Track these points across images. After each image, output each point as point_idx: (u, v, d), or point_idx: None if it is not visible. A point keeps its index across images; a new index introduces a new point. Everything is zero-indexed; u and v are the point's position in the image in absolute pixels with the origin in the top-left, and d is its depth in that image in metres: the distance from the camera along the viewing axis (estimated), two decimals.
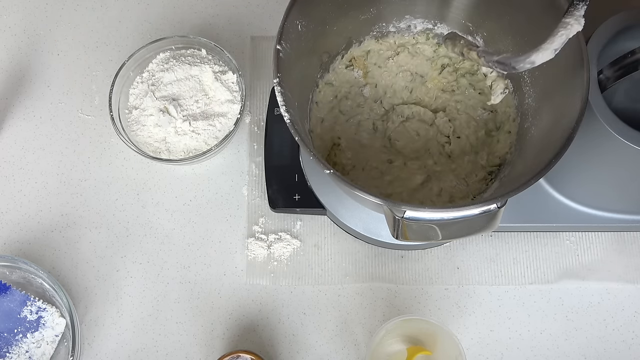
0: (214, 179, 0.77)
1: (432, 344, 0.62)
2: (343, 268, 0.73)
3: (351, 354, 0.70)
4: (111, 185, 0.76)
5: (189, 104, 0.74)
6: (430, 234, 0.54)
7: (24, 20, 0.83)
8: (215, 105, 0.75)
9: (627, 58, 0.56)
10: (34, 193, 0.76)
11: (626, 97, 0.63)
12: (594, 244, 0.74)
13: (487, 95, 0.70)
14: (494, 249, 0.74)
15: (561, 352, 0.70)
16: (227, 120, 0.74)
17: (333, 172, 0.53)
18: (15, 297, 0.68)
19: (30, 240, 0.74)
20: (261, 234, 0.74)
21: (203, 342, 0.71)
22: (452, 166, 0.68)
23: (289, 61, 0.59)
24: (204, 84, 0.75)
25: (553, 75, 0.60)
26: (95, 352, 0.70)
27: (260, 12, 0.84)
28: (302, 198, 0.72)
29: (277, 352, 0.70)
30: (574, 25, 0.51)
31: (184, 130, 0.73)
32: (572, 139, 0.54)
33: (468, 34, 0.69)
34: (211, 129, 0.73)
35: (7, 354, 0.67)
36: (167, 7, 0.84)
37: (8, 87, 0.80)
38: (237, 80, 0.76)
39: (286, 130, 0.55)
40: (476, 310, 0.72)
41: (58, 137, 0.78)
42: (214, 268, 0.73)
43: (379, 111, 0.71)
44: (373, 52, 0.72)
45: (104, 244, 0.74)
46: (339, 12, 0.65)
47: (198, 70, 0.75)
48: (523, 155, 0.64)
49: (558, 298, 0.72)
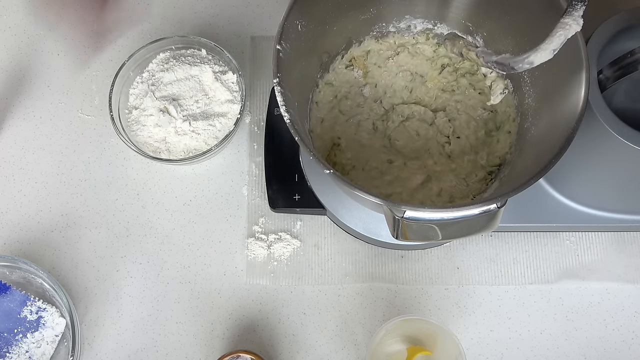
0: (214, 179, 0.77)
1: (432, 344, 0.62)
2: (343, 268, 0.73)
3: (351, 354, 0.70)
4: (111, 185, 0.76)
5: (189, 104, 0.74)
6: (430, 234, 0.54)
7: (24, 20, 0.83)
8: (215, 105, 0.75)
9: (627, 58, 0.56)
10: (34, 193, 0.76)
11: (626, 97, 0.63)
12: (594, 244, 0.74)
13: (487, 95, 0.70)
14: (494, 249, 0.74)
15: (561, 352, 0.70)
16: (227, 120, 0.74)
17: (333, 172, 0.53)
18: (15, 297, 0.68)
19: (30, 240, 0.74)
20: (261, 234, 0.74)
21: (203, 342, 0.71)
22: (452, 166, 0.68)
23: (289, 61, 0.59)
24: (204, 84, 0.75)
25: (553, 75, 0.60)
26: (95, 352, 0.70)
27: (260, 12, 0.84)
28: (302, 198, 0.72)
29: (277, 352, 0.70)
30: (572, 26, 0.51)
31: (184, 130, 0.73)
32: (572, 139, 0.54)
33: (468, 34, 0.69)
34: (211, 129, 0.73)
35: (7, 354, 0.67)
36: (167, 7, 0.84)
37: (8, 87, 0.80)
38: (237, 80, 0.76)
39: (286, 130, 0.55)
40: (476, 310, 0.72)
41: (58, 137, 0.78)
42: (214, 268, 0.73)
43: (379, 111, 0.71)
44: (373, 52, 0.72)
45: (104, 244, 0.74)
46: (339, 12, 0.65)
47: (198, 70, 0.75)
48: (523, 155, 0.64)
49: (558, 298, 0.72)
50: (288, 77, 0.58)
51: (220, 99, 0.75)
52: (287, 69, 0.58)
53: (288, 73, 0.58)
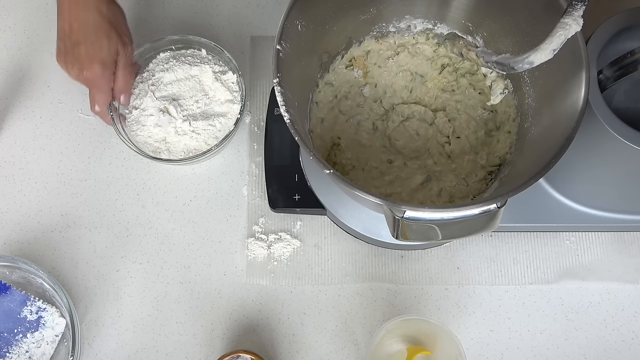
0: (214, 179, 0.77)
1: (432, 344, 0.62)
2: (343, 268, 0.73)
3: (351, 354, 0.70)
4: (111, 185, 0.76)
5: (189, 104, 0.74)
6: (430, 234, 0.54)
7: (24, 20, 0.83)
8: (215, 105, 0.75)
9: (627, 58, 0.56)
10: (34, 193, 0.76)
11: (626, 97, 0.63)
12: (594, 244, 0.74)
13: (487, 95, 0.70)
14: (494, 249, 0.74)
15: (561, 352, 0.70)
16: (227, 120, 0.74)
17: (333, 172, 0.53)
18: (15, 297, 0.68)
19: (30, 240, 0.74)
20: (261, 234, 0.74)
21: (203, 342, 0.71)
22: (452, 166, 0.68)
23: (289, 61, 0.59)
24: (204, 84, 0.75)
25: (553, 75, 0.60)
26: (95, 352, 0.70)
27: (260, 12, 0.84)
28: (302, 198, 0.72)
29: (277, 352, 0.70)
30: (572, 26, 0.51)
31: (184, 130, 0.73)
32: (572, 139, 0.54)
33: (468, 34, 0.69)
34: (211, 129, 0.73)
35: (7, 354, 0.67)
36: (167, 7, 0.84)
37: (8, 87, 0.80)
38: (237, 80, 0.76)
39: (286, 130, 0.55)
40: (476, 310, 0.72)
41: (58, 137, 0.78)
42: (214, 268, 0.73)
43: (379, 111, 0.71)
44: (373, 52, 0.72)
45: (104, 244, 0.74)
46: (339, 12, 0.65)
47: (198, 70, 0.75)
48: (523, 155, 0.64)
49: (558, 298, 0.72)
50: (288, 77, 0.58)
51: (220, 99, 0.75)
52: (287, 69, 0.58)
53: (288, 73, 0.58)
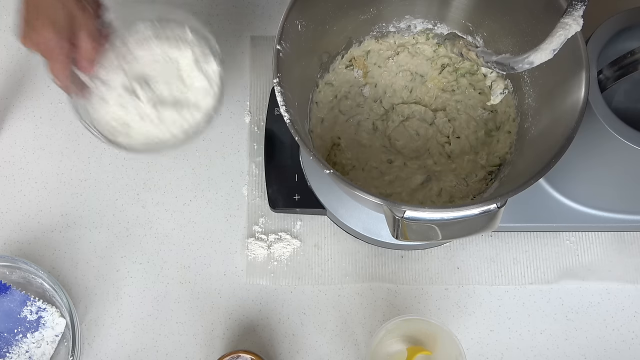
0: (214, 179, 0.77)
1: (432, 344, 0.62)
2: (343, 268, 0.73)
3: (351, 354, 0.70)
4: (111, 185, 0.76)
5: (160, 88, 0.65)
6: (430, 234, 0.54)
7: None
8: (190, 95, 0.66)
9: (627, 58, 0.56)
10: (34, 193, 0.76)
11: (626, 97, 0.63)
12: (594, 244, 0.74)
13: (487, 95, 0.70)
14: (494, 249, 0.74)
15: (561, 352, 0.70)
16: (201, 115, 0.65)
17: (333, 172, 0.53)
18: (15, 297, 0.68)
19: (30, 240, 0.74)
20: (261, 234, 0.74)
21: (203, 342, 0.71)
22: (452, 166, 0.68)
23: (289, 61, 0.59)
24: (182, 70, 0.66)
25: (553, 75, 0.60)
26: (95, 352, 0.70)
27: (260, 12, 0.84)
28: (302, 198, 0.72)
29: (277, 352, 0.70)
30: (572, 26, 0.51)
31: (149, 116, 0.64)
32: (572, 139, 0.54)
33: (468, 34, 0.69)
34: (179, 121, 0.65)
35: (7, 354, 0.67)
36: None
37: (8, 87, 0.80)
38: (218, 72, 0.66)
39: (286, 130, 0.55)
40: (476, 310, 0.72)
41: (58, 137, 0.78)
42: (214, 268, 0.73)
43: (379, 111, 0.71)
44: (373, 52, 0.72)
45: (104, 244, 0.74)
46: (339, 12, 0.65)
47: (177, 52, 0.66)
48: (523, 155, 0.64)
49: (558, 298, 0.72)
50: (288, 77, 0.58)
51: (197, 90, 0.66)
52: (287, 69, 0.58)
53: (288, 73, 0.58)
